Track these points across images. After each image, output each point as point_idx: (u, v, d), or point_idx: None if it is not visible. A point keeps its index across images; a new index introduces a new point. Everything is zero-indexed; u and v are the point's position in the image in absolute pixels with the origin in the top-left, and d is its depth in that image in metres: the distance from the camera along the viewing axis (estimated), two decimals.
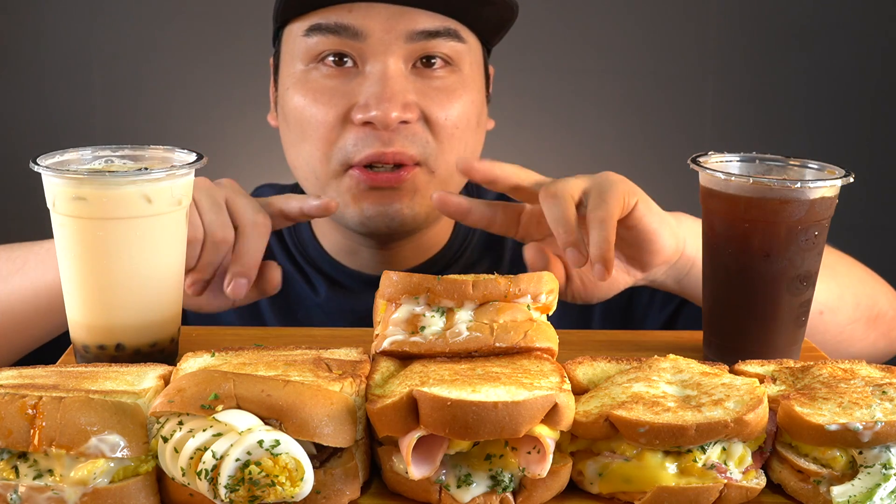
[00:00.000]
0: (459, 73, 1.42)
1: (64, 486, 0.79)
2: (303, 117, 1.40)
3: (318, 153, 1.39)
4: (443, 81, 1.40)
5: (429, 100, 1.38)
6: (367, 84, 1.36)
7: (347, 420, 0.83)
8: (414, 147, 1.37)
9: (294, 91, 1.41)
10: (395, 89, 1.35)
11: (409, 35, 1.37)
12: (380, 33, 1.36)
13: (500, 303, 0.95)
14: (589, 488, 0.87)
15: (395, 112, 1.34)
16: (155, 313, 1.06)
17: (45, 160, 1.04)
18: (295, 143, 1.43)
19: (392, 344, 0.94)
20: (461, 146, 1.42)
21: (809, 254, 1.07)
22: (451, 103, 1.40)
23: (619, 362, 0.99)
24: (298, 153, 1.43)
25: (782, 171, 1.13)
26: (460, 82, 1.42)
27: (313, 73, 1.40)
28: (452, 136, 1.41)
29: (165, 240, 1.05)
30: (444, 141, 1.40)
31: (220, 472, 0.77)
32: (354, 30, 1.36)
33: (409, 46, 1.37)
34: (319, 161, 1.40)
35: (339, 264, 1.55)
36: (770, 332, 1.09)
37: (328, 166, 1.39)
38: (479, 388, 0.83)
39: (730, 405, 0.85)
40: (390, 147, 1.35)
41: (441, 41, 1.39)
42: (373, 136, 1.35)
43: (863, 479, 0.83)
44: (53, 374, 0.93)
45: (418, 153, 1.38)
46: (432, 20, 1.38)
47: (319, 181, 1.42)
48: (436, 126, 1.39)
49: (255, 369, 0.90)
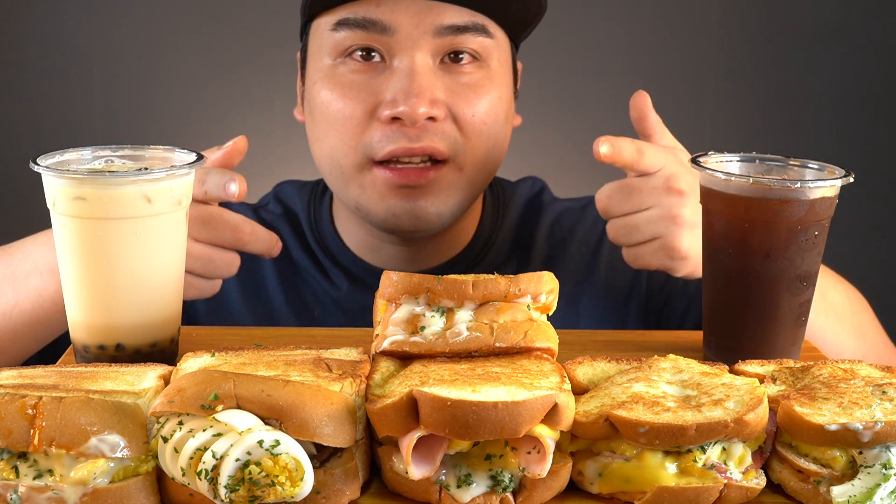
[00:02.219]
0: (487, 69, 1.41)
1: (64, 486, 0.79)
2: (329, 112, 1.39)
3: (343, 147, 1.39)
4: (470, 77, 1.39)
5: (456, 96, 1.38)
6: (395, 79, 1.36)
7: (347, 420, 0.83)
8: (443, 143, 1.37)
9: (321, 85, 1.41)
10: (423, 85, 1.34)
11: (437, 30, 1.36)
12: (408, 28, 1.35)
13: (500, 303, 0.95)
14: (589, 488, 0.87)
15: (422, 107, 1.33)
16: (155, 313, 1.06)
17: (45, 160, 1.04)
18: (320, 137, 1.42)
19: (392, 344, 0.94)
20: (490, 143, 1.42)
21: (809, 254, 1.07)
22: (479, 99, 1.39)
23: (619, 362, 0.99)
24: (323, 147, 1.42)
25: (782, 171, 1.13)
26: (488, 78, 1.41)
27: (340, 67, 1.39)
28: (481, 132, 1.40)
29: (165, 240, 1.05)
30: (473, 137, 1.39)
31: (220, 472, 0.77)
32: (382, 24, 1.35)
33: (436, 41, 1.36)
34: (344, 156, 1.39)
35: (361, 261, 1.54)
36: (770, 332, 1.09)
37: (352, 161, 1.39)
38: (479, 388, 0.83)
39: (730, 405, 0.85)
40: (417, 143, 1.35)
41: (469, 36, 1.38)
42: (399, 132, 1.35)
43: (863, 479, 0.83)
44: (53, 374, 0.93)
45: (447, 149, 1.37)
46: (460, 15, 1.37)
47: (344, 176, 1.41)
48: (463, 122, 1.38)
49: (255, 369, 0.90)
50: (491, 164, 1.45)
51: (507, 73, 1.46)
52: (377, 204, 1.39)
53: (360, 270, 1.54)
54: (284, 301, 1.53)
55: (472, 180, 1.42)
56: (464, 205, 1.44)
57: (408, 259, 1.52)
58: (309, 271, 1.55)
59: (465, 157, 1.39)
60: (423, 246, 1.51)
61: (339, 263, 1.55)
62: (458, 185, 1.41)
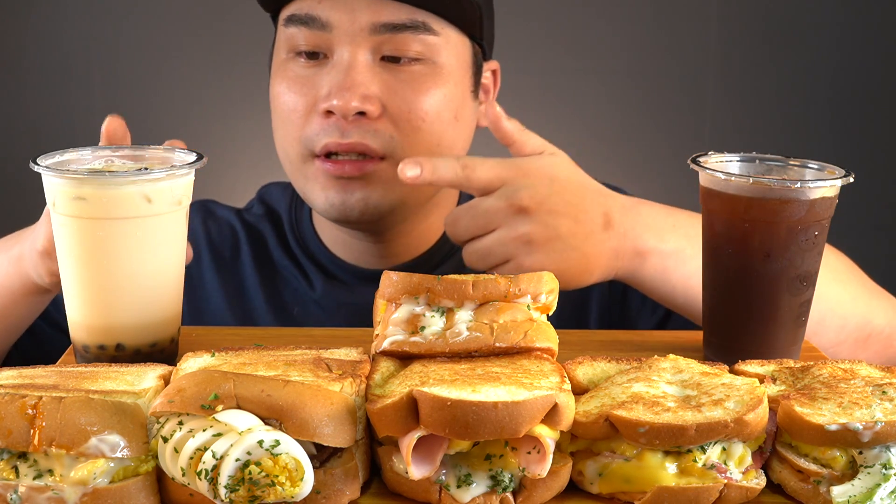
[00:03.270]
0: (432, 66, 1.40)
1: (64, 486, 0.79)
2: (278, 105, 1.44)
3: (289, 139, 1.43)
4: (411, 74, 1.39)
5: (393, 93, 1.38)
6: (332, 74, 1.38)
7: (347, 420, 0.83)
8: (376, 141, 1.37)
9: (275, 79, 1.46)
10: (356, 80, 1.35)
11: (374, 27, 1.36)
12: (345, 24, 1.37)
13: (500, 303, 0.95)
14: (589, 488, 0.87)
15: (354, 101, 1.34)
16: (155, 313, 1.06)
17: (45, 160, 1.04)
18: (275, 130, 1.47)
19: (392, 344, 0.94)
20: (432, 140, 1.41)
21: (809, 254, 1.07)
22: (419, 96, 1.38)
23: (619, 362, 0.99)
24: (277, 140, 1.47)
25: (782, 171, 1.13)
26: (431, 75, 1.40)
27: (291, 62, 1.42)
28: (419, 129, 1.39)
29: (165, 240, 1.05)
30: (410, 134, 1.39)
31: (220, 472, 0.77)
32: (322, 21, 1.38)
33: (374, 38, 1.37)
34: (291, 147, 1.43)
35: (336, 257, 1.56)
36: (770, 332, 1.09)
37: (297, 152, 1.42)
38: (479, 388, 0.83)
39: (730, 405, 0.85)
40: (348, 138, 1.36)
41: (409, 35, 1.38)
42: (333, 126, 1.37)
43: (863, 479, 0.83)
44: (53, 374, 0.93)
45: (381, 147, 1.38)
46: (398, 12, 1.37)
47: (292, 166, 1.45)
48: (399, 119, 1.38)
49: (255, 369, 0.90)
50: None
51: (461, 70, 1.44)
52: (318, 194, 1.42)
53: (334, 267, 1.56)
54: (264, 300, 1.54)
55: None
56: (408, 200, 1.44)
57: (378, 255, 1.53)
58: (289, 269, 1.57)
59: (404, 154, 1.38)
60: (392, 242, 1.52)
61: (316, 261, 1.57)
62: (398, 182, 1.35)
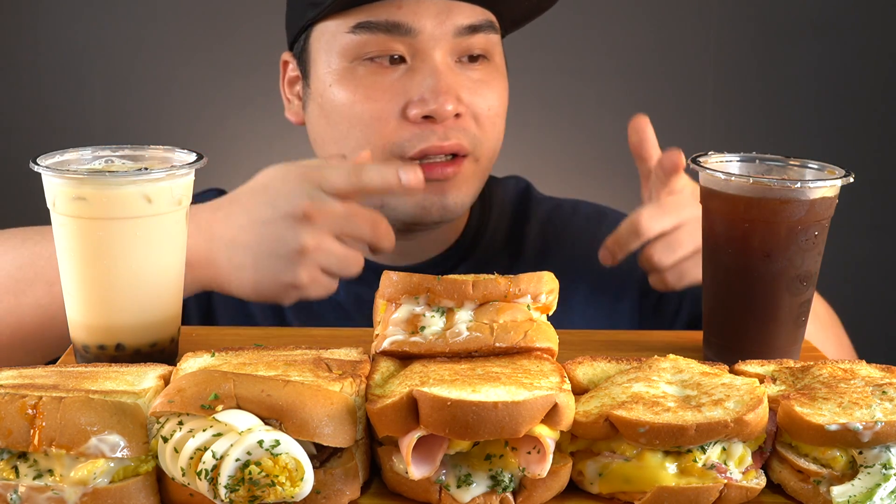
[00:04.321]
0: (493, 64, 1.46)
1: (64, 486, 0.79)
2: (353, 113, 1.41)
3: (370, 145, 1.40)
4: (481, 73, 1.44)
5: (472, 92, 1.42)
6: (420, 79, 1.39)
7: (347, 420, 0.83)
8: (466, 139, 1.41)
9: (339, 87, 1.42)
10: (448, 83, 1.38)
11: (458, 30, 1.40)
12: (430, 28, 1.38)
13: (500, 303, 0.95)
14: (589, 488, 0.87)
15: (450, 105, 1.37)
16: (155, 313, 1.06)
17: (45, 160, 1.04)
18: (338, 138, 1.44)
19: (392, 344, 0.94)
20: (497, 135, 1.48)
21: (809, 254, 1.07)
22: (491, 94, 1.44)
23: (619, 362, 0.99)
24: (342, 148, 1.44)
25: (782, 171, 1.13)
26: (495, 73, 1.46)
27: (360, 68, 1.41)
28: (494, 125, 1.46)
29: (165, 240, 1.05)
30: (488, 131, 1.45)
31: (220, 472, 0.77)
32: (406, 27, 1.38)
33: (455, 41, 1.40)
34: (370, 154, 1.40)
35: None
36: (770, 332, 1.09)
37: (378, 160, 1.40)
38: (479, 388, 0.83)
39: (730, 405, 0.85)
40: (447, 141, 1.39)
41: (482, 35, 1.43)
42: (429, 131, 1.38)
43: (863, 479, 0.83)
44: (53, 374, 0.93)
45: (469, 144, 1.42)
46: (474, 13, 1.42)
47: None
48: (480, 117, 1.43)
49: (255, 369, 0.90)
50: (496, 156, 1.51)
51: (505, 67, 1.51)
52: (408, 199, 1.42)
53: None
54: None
55: (485, 171, 1.49)
56: (476, 195, 1.50)
57: (403, 253, 1.53)
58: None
59: (482, 151, 1.45)
60: (419, 239, 1.53)
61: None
62: (476, 177, 1.46)
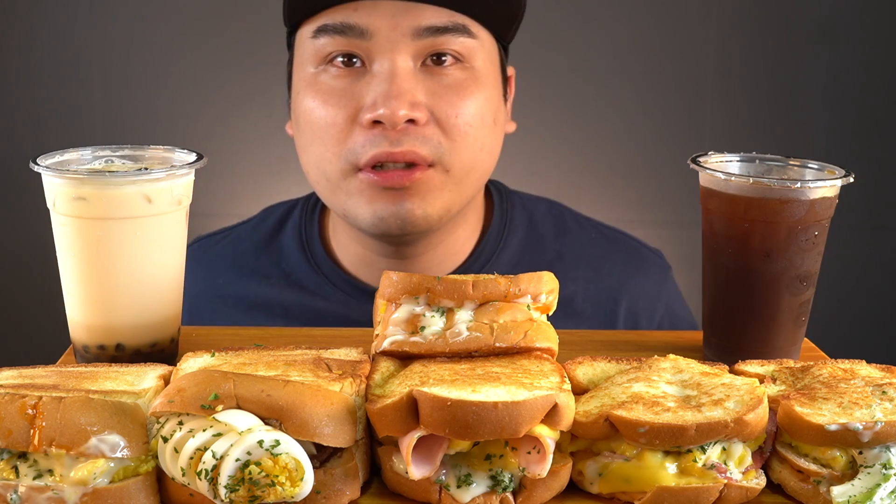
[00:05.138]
0: (471, 70, 1.38)
1: (64, 486, 0.79)
2: (313, 120, 1.38)
3: (327, 154, 1.37)
4: (453, 79, 1.37)
5: (438, 98, 1.35)
6: (375, 83, 1.34)
7: (347, 420, 0.83)
8: (425, 148, 1.34)
9: (304, 94, 1.39)
10: (402, 87, 1.32)
11: (416, 31, 1.34)
12: (386, 31, 1.33)
13: (500, 303, 0.95)
14: (589, 488, 0.87)
15: (402, 110, 1.31)
16: (155, 313, 1.06)
17: (45, 160, 1.04)
18: (306, 146, 1.41)
19: (392, 344, 0.94)
20: (476, 145, 1.39)
21: (809, 254, 1.07)
22: (463, 101, 1.37)
23: (619, 362, 0.99)
24: (309, 157, 1.41)
25: (782, 171, 1.13)
26: (472, 79, 1.38)
27: (322, 75, 1.38)
28: (466, 134, 1.37)
29: (165, 240, 1.05)
30: (457, 139, 1.37)
31: (220, 472, 0.77)
32: (360, 28, 1.34)
33: (416, 43, 1.34)
34: (329, 163, 1.38)
35: (355, 280, 1.51)
36: (770, 332, 1.09)
37: (337, 168, 1.37)
38: (479, 388, 0.83)
39: (730, 405, 0.85)
40: (399, 147, 1.33)
41: (450, 37, 1.35)
42: (381, 136, 1.33)
43: (863, 479, 0.83)
44: (53, 374, 0.93)
45: (430, 154, 1.35)
46: (439, 15, 1.35)
47: (330, 183, 1.40)
48: (447, 125, 1.36)
49: (255, 369, 0.90)
50: (481, 168, 1.42)
51: (494, 74, 1.43)
52: (364, 208, 1.37)
53: (353, 290, 1.50)
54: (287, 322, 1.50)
55: (461, 183, 1.40)
56: (452, 207, 1.42)
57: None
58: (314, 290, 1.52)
59: (452, 160, 1.37)
60: (418, 259, 1.49)
61: (333, 283, 1.52)
62: (446, 188, 1.38)
